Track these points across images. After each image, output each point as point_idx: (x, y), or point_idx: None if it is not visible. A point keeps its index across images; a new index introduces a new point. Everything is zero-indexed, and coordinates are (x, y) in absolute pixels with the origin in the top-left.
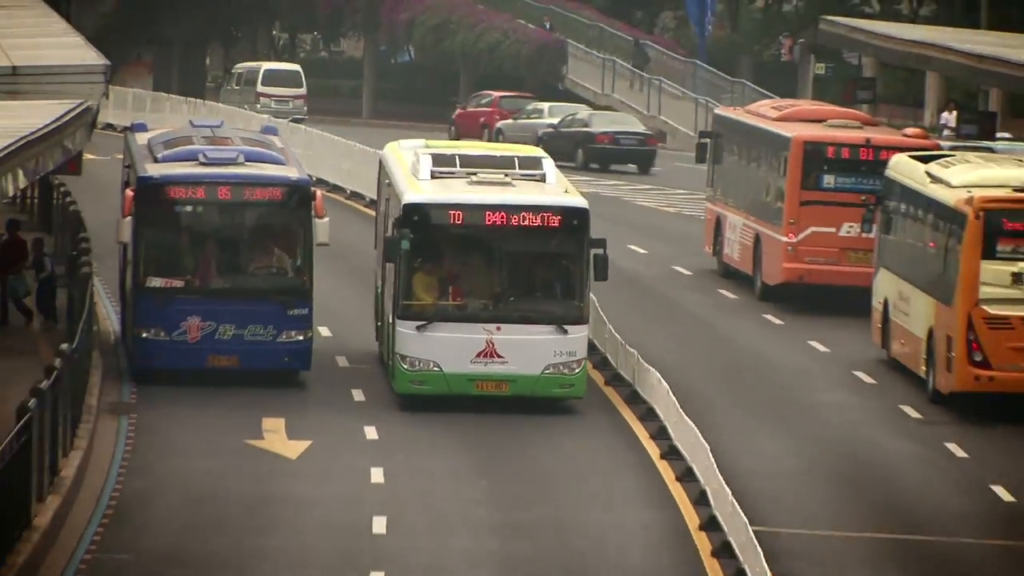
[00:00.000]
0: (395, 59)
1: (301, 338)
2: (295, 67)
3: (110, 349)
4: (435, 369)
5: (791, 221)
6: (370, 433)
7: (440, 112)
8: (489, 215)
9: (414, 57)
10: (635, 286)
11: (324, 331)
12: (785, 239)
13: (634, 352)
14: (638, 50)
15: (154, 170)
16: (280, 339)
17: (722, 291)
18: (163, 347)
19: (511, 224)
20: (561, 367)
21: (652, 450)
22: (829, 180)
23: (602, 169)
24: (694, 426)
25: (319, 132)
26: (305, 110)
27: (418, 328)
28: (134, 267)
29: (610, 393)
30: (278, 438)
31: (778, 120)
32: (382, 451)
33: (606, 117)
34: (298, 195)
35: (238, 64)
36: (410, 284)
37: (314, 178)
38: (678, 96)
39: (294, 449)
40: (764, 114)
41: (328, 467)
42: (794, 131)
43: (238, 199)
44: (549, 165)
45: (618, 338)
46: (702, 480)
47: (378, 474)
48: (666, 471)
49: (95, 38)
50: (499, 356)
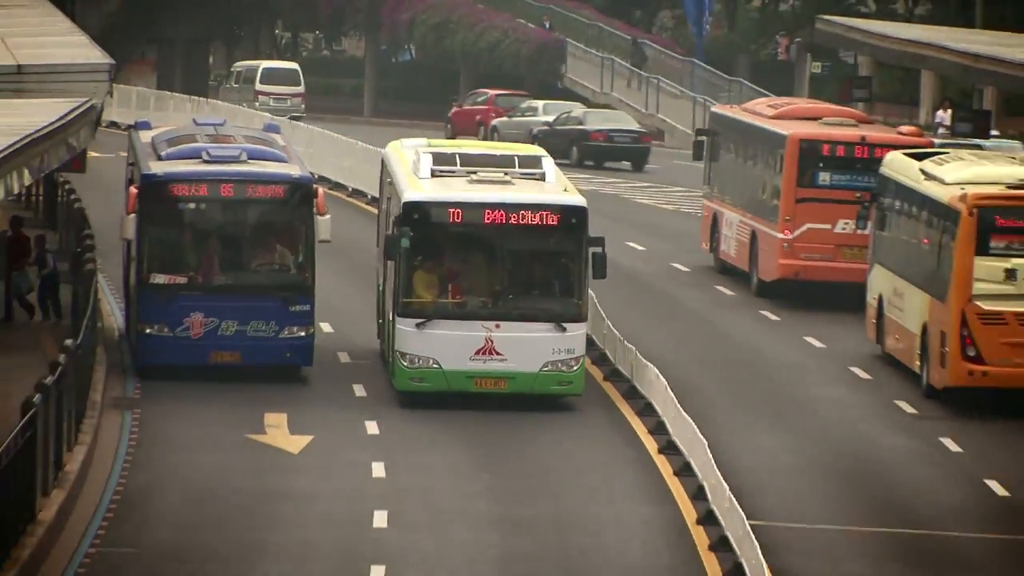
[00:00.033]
0: (396, 58)
1: (303, 334)
2: (293, 65)
3: (114, 345)
4: (434, 366)
5: (787, 218)
6: (371, 428)
7: (441, 110)
8: (488, 213)
9: (415, 56)
10: (634, 283)
11: (326, 327)
12: (781, 236)
13: (632, 348)
14: (636, 49)
15: (158, 168)
16: (282, 335)
17: (719, 287)
18: (166, 343)
19: (510, 222)
20: (559, 364)
21: (650, 445)
22: (824, 177)
23: (596, 166)
24: (692, 421)
25: (321, 130)
26: (303, 108)
27: (418, 325)
28: (138, 264)
29: (609, 388)
30: (280, 433)
31: (774, 118)
32: (383, 446)
33: (600, 115)
34: (300, 192)
35: (237, 63)
36: (410, 282)
37: (316, 176)
38: (676, 95)
39: (296, 444)
40: (760, 112)
41: (329, 462)
42: (790, 129)
43: (241, 196)
44: (549, 164)
45: (617, 334)
46: (700, 475)
47: (379, 469)
48: (664, 466)
49: (99, 37)
50: (498, 353)
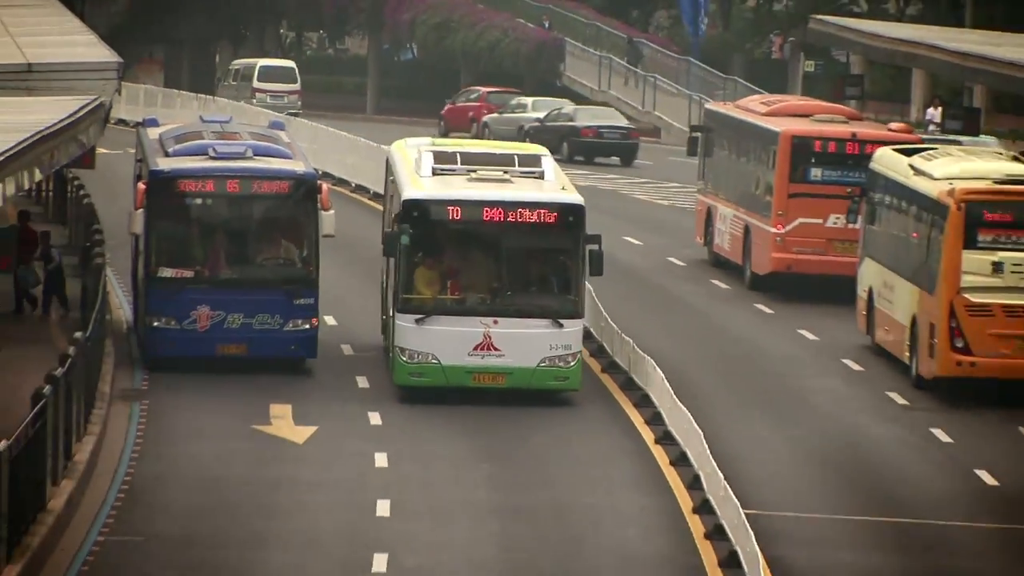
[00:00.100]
0: (398, 57)
1: (307, 327)
2: (290, 63)
3: (122, 337)
4: (433, 361)
5: (779, 213)
6: (374, 419)
7: (441, 109)
8: (487, 211)
9: (416, 55)
10: (631, 277)
11: (330, 320)
12: (774, 230)
13: (630, 340)
14: (631, 47)
15: (165, 164)
16: (287, 328)
17: (715, 281)
18: (174, 335)
19: (508, 220)
20: (557, 360)
21: (647, 435)
22: (816, 173)
23: (587, 161)
24: (688, 412)
25: (325, 127)
26: (299, 105)
27: (417, 321)
28: (146, 258)
29: (606, 380)
30: (285, 424)
31: (767, 115)
32: (386, 437)
33: (590, 111)
34: (304, 188)
35: (235, 60)
36: (410, 278)
37: (320, 172)
38: (672, 92)
39: (301, 434)
40: (753, 109)
41: (333, 452)
42: (782, 126)
43: (246, 192)
44: (548, 163)
45: (614, 327)
46: (695, 465)
47: (382, 459)
48: (661, 456)
49: (108, 36)
50: (496, 349)
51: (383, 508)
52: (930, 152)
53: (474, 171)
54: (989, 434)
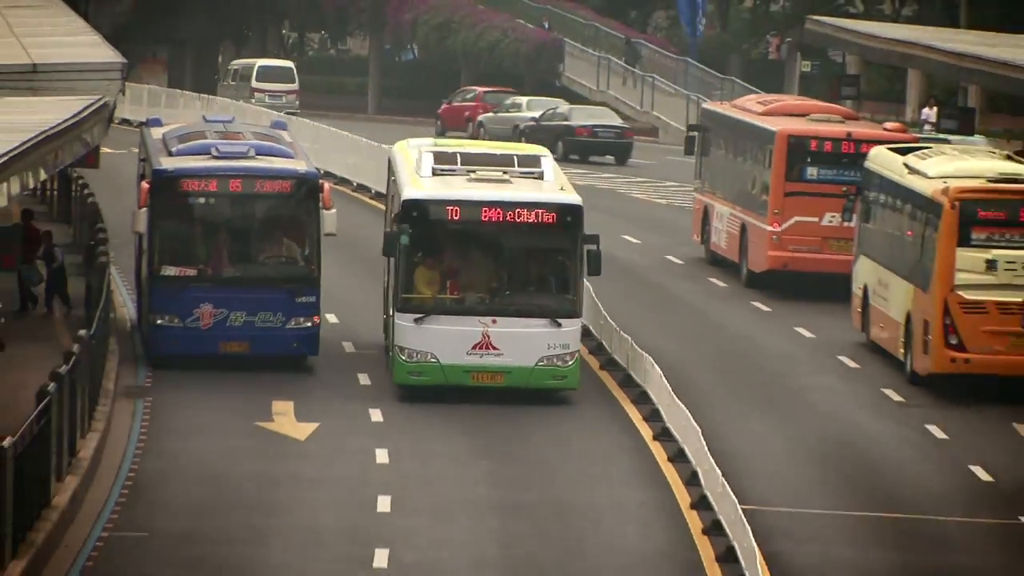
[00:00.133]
0: (399, 57)
1: (309, 324)
2: (288, 64)
3: (126, 335)
4: (432, 360)
5: (775, 211)
6: (375, 416)
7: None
8: (486, 211)
9: (417, 55)
10: (629, 275)
11: (331, 318)
12: (770, 228)
13: (628, 338)
14: (629, 48)
15: (169, 163)
16: (289, 326)
17: (712, 279)
18: (177, 333)
19: (507, 220)
20: (555, 359)
21: (645, 432)
22: (812, 172)
23: (581, 160)
24: (686, 409)
25: (326, 127)
26: (297, 104)
27: (416, 320)
28: (149, 256)
29: (605, 377)
30: (287, 420)
31: (763, 114)
32: (387, 433)
33: (585, 111)
34: (306, 187)
35: (234, 61)
36: (409, 278)
37: (322, 171)
38: (670, 93)
39: (302, 431)
40: (750, 108)
41: (335, 449)
42: (778, 125)
43: (249, 191)
44: (548, 163)
45: (613, 324)
46: (693, 461)
47: (383, 455)
48: (659, 452)
49: (112, 36)
50: (494, 348)
51: (384, 504)
52: (924, 151)
53: (474, 171)
54: (984, 430)
